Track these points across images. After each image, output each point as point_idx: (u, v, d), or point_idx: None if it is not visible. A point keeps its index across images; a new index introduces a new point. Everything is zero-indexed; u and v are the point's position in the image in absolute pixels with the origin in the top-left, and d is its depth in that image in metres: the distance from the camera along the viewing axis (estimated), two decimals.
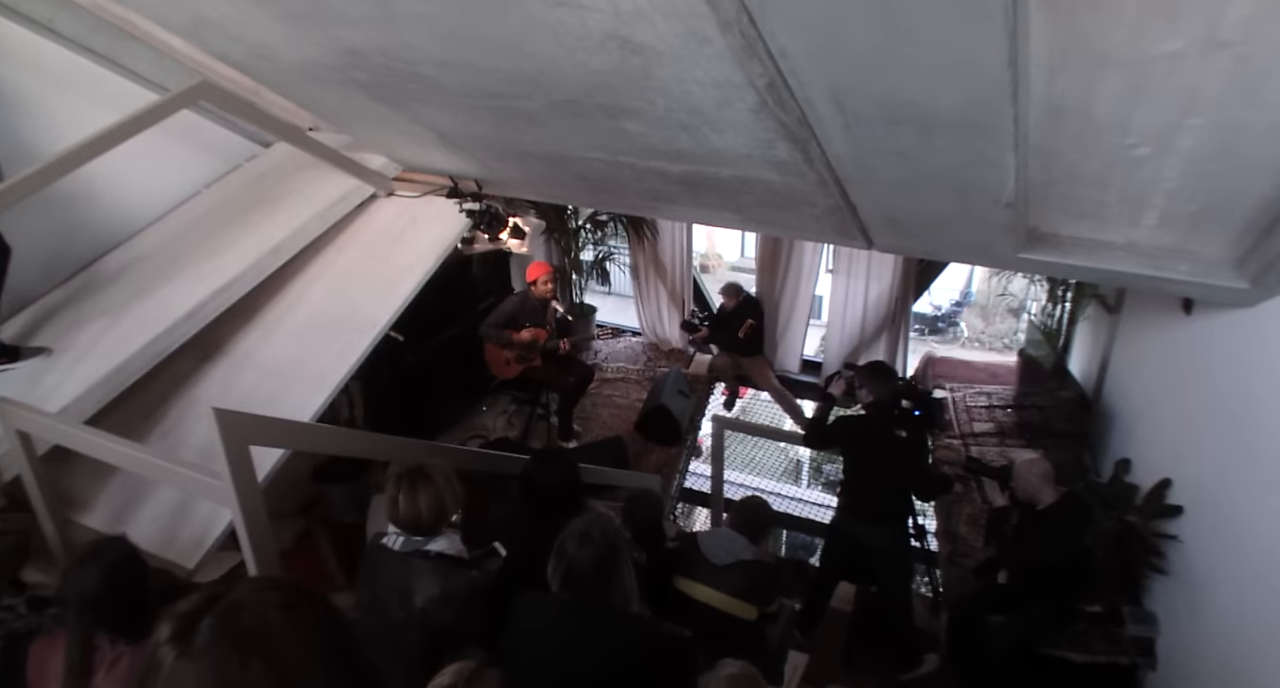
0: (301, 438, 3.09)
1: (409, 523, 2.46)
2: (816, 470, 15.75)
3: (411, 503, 2.44)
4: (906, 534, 4.36)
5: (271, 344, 3.96)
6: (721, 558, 3.22)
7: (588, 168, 3.73)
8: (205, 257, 3.94)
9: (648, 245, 8.06)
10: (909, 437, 4.08)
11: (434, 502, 2.46)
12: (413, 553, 2.44)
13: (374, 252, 4.33)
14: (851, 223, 3.63)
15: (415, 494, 2.44)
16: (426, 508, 2.45)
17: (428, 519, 2.46)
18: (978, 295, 19.51)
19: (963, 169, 2.68)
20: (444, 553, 2.46)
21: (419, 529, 2.46)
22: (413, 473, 2.48)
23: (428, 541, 2.46)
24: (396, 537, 2.48)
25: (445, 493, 2.49)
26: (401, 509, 2.44)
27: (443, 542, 2.48)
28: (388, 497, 2.46)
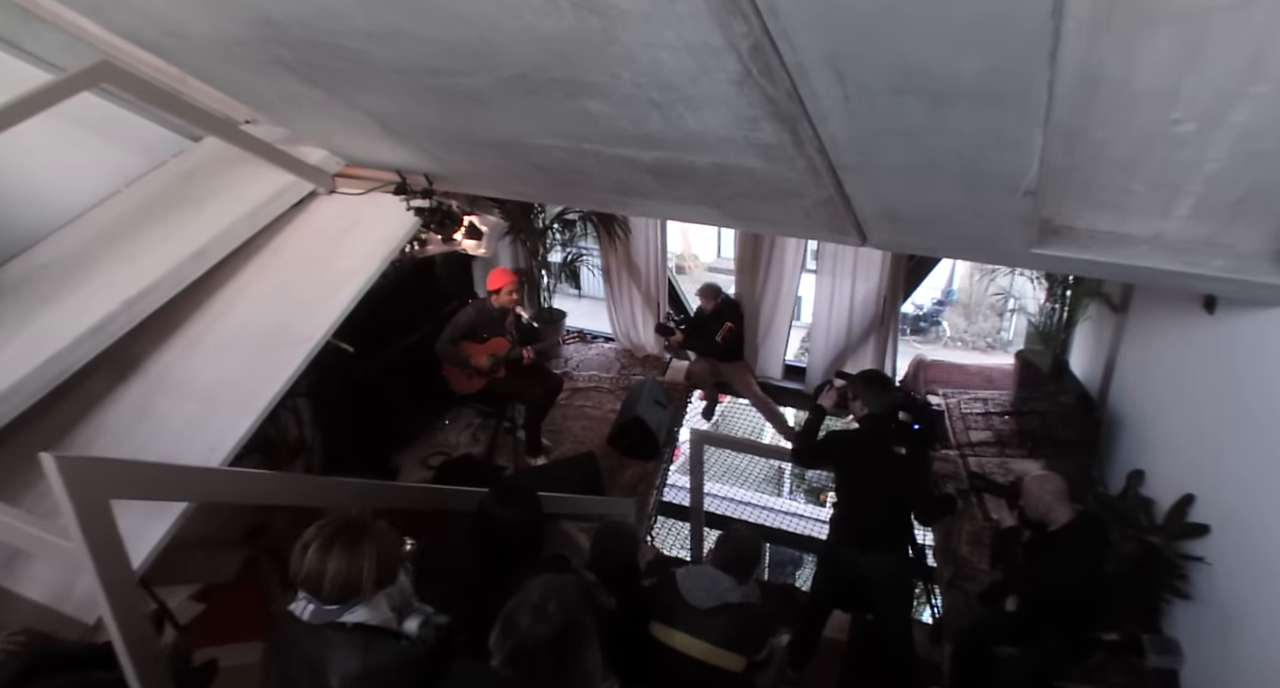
0: (189, 486, 2.67)
1: (316, 588, 2.06)
2: (799, 477, 15.50)
3: (323, 563, 2.05)
4: (906, 560, 4.05)
5: (194, 361, 3.58)
6: (704, 601, 2.87)
7: (547, 157, 3.39)
8: (118, 263, 3.55)
9: (620, 245, 7.73)
10: (908, 453, 3.77)
11: (353, 568, 2.06)
12: (326, 625, 2.07)
13: (312, 255, 3.96)
14: (845, 217, 3.32)
15: (332, 554, 2.06)
16: (342, 573, 2.05)
17: (341, 587, 2.07)
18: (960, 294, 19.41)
19: (978, 151, 2.36)
20: (365, 624, 2.10)
21: (332, 596, 2.08)
22: (342, 529, 2.11)
23: (344, 610, 2.09)
24: (305, 604, 2.10)
25: (374, 560, 2.10)
26: (306, 569, 2.05)
27: (363, 611, 2.10)
28: (296, 549, 2.09)
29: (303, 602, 2.11)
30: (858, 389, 3.92)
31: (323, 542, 2.07)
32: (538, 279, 7.83)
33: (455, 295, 6.80)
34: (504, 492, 2.64)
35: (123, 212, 3.94)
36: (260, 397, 3.33)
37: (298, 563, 2.08)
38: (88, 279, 3.45)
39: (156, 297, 3.45)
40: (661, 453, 6.65)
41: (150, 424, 3.33)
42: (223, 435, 3.22)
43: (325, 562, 2.05)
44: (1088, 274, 4.66)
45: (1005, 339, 17.42)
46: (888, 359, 7.43)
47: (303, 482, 3.39)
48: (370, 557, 2.08)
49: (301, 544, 2.08)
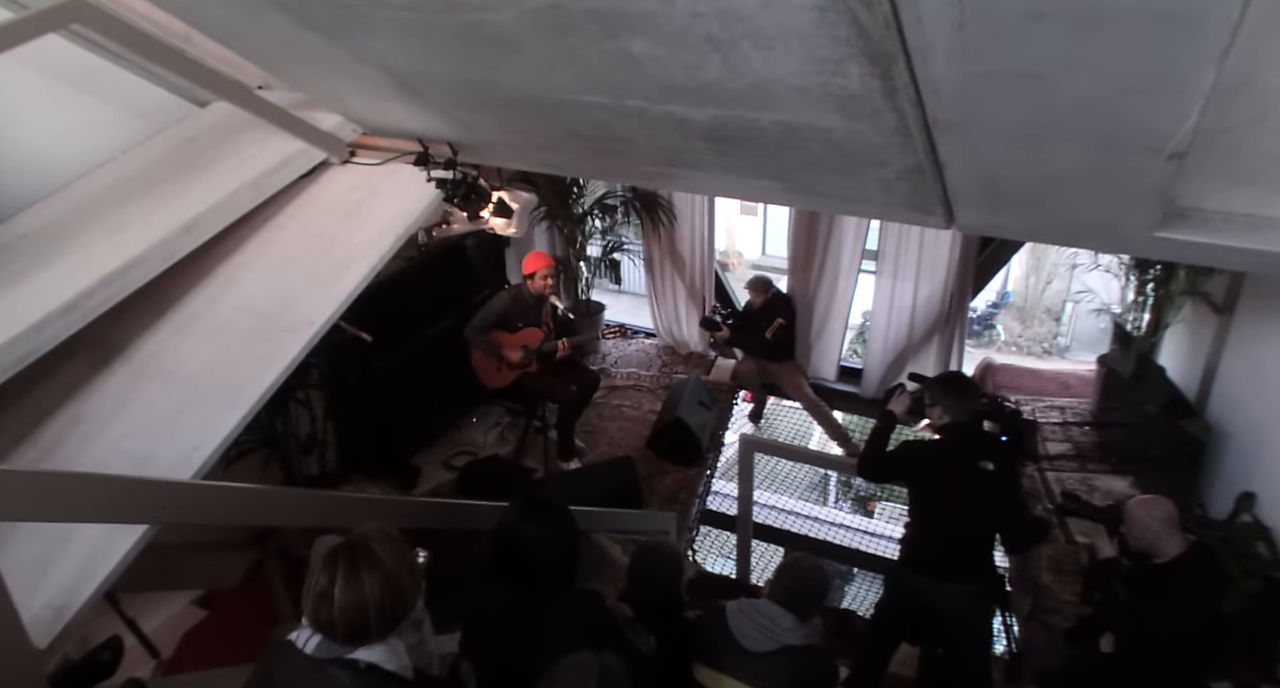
0: (123, 504, 2.28)
1: (343, 624, 1.74)
2: (845, 485, 15.00)
3: (354, 594, 1.73)
4: (988, 592, 3.60)
5: (183, 346, 3.26)
6: (760, 642, 2.47)
7: (584, 119, 3.00)
8: (101, 235, 3.23)
9: (663, 233, 7.34)
10: (996, 469, 3.31)
11: (384, 592, 1.75)
12: (332, 660, 1.74)
13: (321, 231, 3.62)
14: (932, 191, 2.88)
15: (358, 582, 1.74)
16: (375, 602, 1.74)
17: (374, 620, 1.75)
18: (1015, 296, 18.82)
19: (1124, 97, 1.91)
20: (377, 666, 1.76)
21: (353, 634, 1.75)
22: (352, 550, 1.78)
23: (355, 648, 1.76)
24: (310, 636, 1.77)
25: (399, 579, 1.79)
26: (339, 603, 1.72)
27: (380, 650, 1.78)
28: (311, 586, 1.77)
29: (306, 632, 1.79)
30: (936, 394, 3.47)
31: (346, 565, 1.76)
32: (575, 269, 7.45)
33: (487, 282, 6.45)
34: (530, 506, 2.24)
35: (114, 180, 3.63)
36: (253, 388, 3.00)
37: (306, 596, 1.79)
38: (66, 252, 3.14)
39: (140, 273, 3.13)
40: (705, 458, 6.24)
41: (130, 416, 3.02)
42: (208, 431, 2.90)
43: (331, 595, 1.74)
44: (1219, 264, 4.13)
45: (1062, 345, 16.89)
46: (953, 362, 6.94)
47: (281, 497, 3.03)
48: (401, 580, 1.79)
49: (320, 570, 1.77)
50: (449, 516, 3.67)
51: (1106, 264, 6.02)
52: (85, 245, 3.18)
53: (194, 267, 3.48)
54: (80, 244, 3.19)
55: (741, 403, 7.78)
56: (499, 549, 2.20)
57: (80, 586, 2.54)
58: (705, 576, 5.64)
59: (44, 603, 2.54)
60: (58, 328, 2.89)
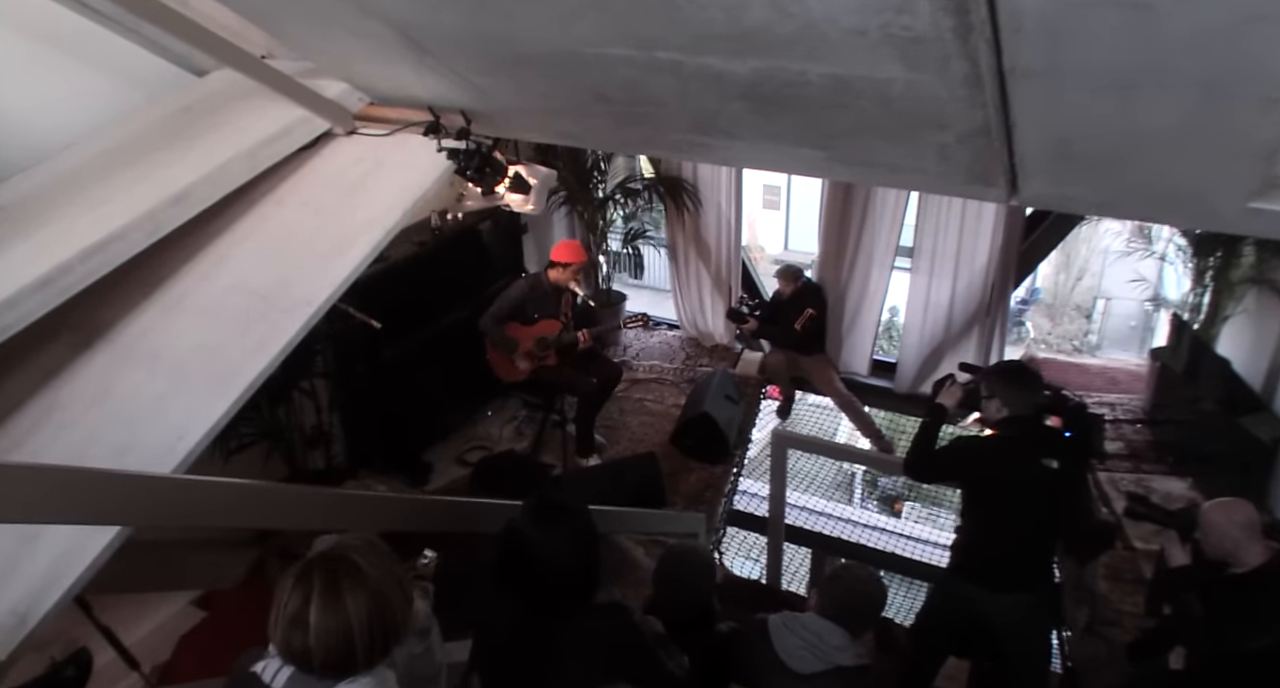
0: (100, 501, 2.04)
1: (322, 654, 1.48)
2: (870, 484, 14.73)
3: (335, 619, 1.47)
4: (1046, 603, 3.32)
5: (171, 328, 3.05)
6: (806, 662, 2.21)
7: (610, 78, 2.75)
8: (83, 208, 3.01)
9: (688, 220, 7.08)
10: (1061, 468, 3.04)
11: (371, 614, 1.50)
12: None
13: (322, 205, 3.40)
14: (996, 156, 2.61)
15: (339, 602, 1.48)
16: (360, 626, 1.49)
17: (359, 648, 1.50)
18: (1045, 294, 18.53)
19: (1248, 26, 1.63)
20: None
21: (334, 665, 1.50)
22: (330, 564, 1.52)
23: (335, 683, 1.52)
24: (280, 668, 1.53)
25: (388, 596, 1.54)
26: (316, 629, 1.47)
27: (367, 684, 1.54)
28: (280, 608, 1.51)
29: (275, 663, 1.54)
30: (995, 386, 3.19)
31: (323, 585, 1.49)
32: (595, 257, 7.21)
33: (504, 271, 6.22)
34: (543, 509, 1.99)
35: (100, 151, 3.42)
36: (245, 373, 2.77)
37: (274, 621, 1.52)
38: (43, 225, 2.93)
39: (124, 247, 2.91)
40: (732, 455, 5.99)
41: (111, 403, 2.81)
42: (194, 419, 2.67)
43: (306, 620, 1.47)
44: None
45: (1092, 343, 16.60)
46: (993, 355, 6.64)
47: (277, 494, 2.80)
48: (370, 614, 1.50)
49: (292, 591, 1.50)
50: (467, 516, 3.43)
51: (1161, 251, 5.72)
52: (65, 218, 2.96)
53: (185, 243, 3.27)
54: (60, 216, 2.97)
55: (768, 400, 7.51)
56: (508, 557, 1.95)
57: (47, 589, 2.32)
58: (733, 580, 5.40)
59: (7, 610, 2.32)
60: (32, 304, 2.67)
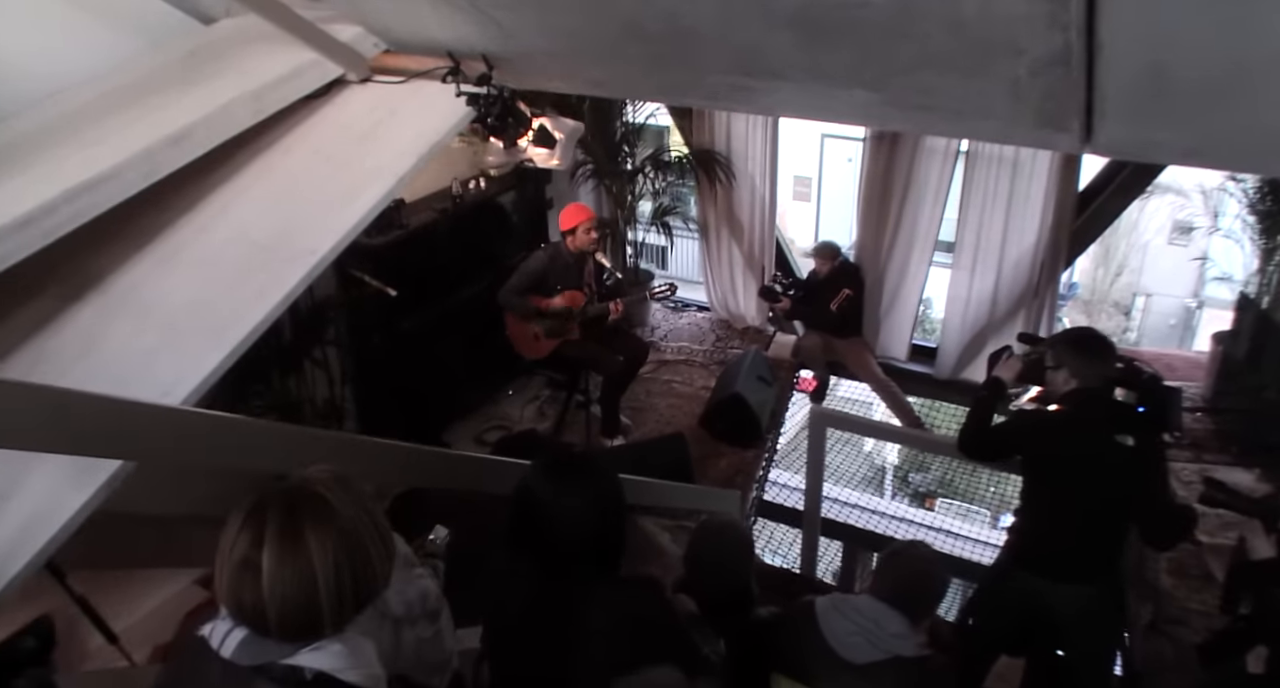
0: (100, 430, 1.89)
1: (279, 611, 1.22)
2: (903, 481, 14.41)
3: (294, 566, 1.21)
4: (1116, 593, 3.05)
5: (167, 279, 2.85)
6: (861, 651, 1.96)
7: (647, 8, 2.50)
8: (74, 149, 2.81)
9: (720, 196, 6.82)
10: (1137, 445, 2.76)
11: (341, 562, 1.24)
12: (260, 669, 1.23)
13: (332, 154, 3.19)
14: (1073, 92, 2.34)
15: (300, 546, 1.22)
16: (328, 577, 1.23)
17: (326, 604, 1.24)
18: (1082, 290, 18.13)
19: None
20: (331, 677, 1.25)
21: (295, 626, 1.24)
22: (289, 503, 1.26)
23: (297, 648, 1.24)
24: (230, 631, 1.26)
25: (363, 540, 1.28)
26: (270, 578, 1.20)
27: (336, 651, 1.26)
28: (224, 554, 1.24)
29: (224, 625, 1.27)
30: (1063, 354, 2.91)
31: (252, 535, 1.22)
32: (622, 234, 6.97)
33: (527, 245, 6.00)
34: (558, 467, 1.74)
35: (98, 94, 3.22)
36: (241, 324, 2.57)
37: (219, 568, 1.25)
38: (29, 166, 2.73)
39: (116, 188, 2.70)
40: (764, 439, 5.73)
41: (99, 355, 2.62)
42: (185, 372, 2.47)
43: (258, 565, 1.20)
44: None
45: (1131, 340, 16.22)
46: None
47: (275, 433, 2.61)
48: (338, 561, 1.24)
49: (240, 529, 1.24)
50: (487, 475, 3.22)
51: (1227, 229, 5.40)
52: (53, 159, 2.77)
53: (185, 193, 3.07)
54: (46, 158, 2.78)
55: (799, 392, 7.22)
56: (520, 522, 1.70)
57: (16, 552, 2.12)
58: (764, 569, 5.13)
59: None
60: (12, 245, 2.46)
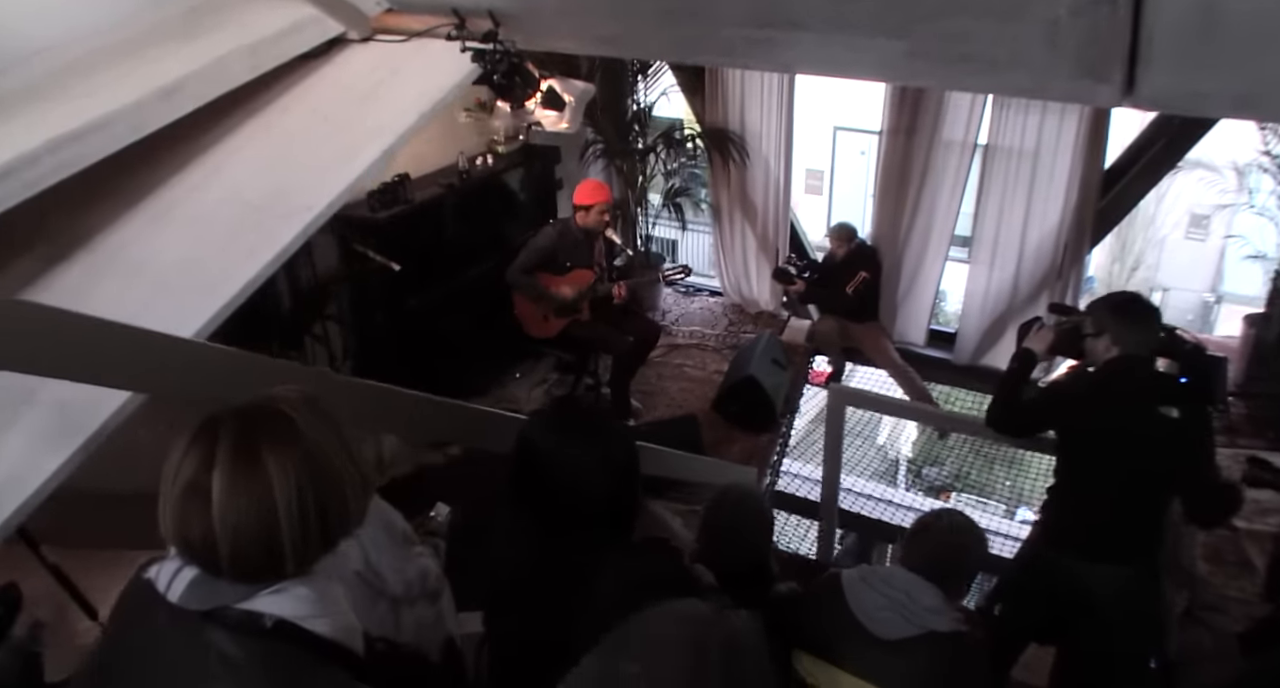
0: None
1: (231, 546, 1.06)
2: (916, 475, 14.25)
3: (249, 494, 1.06)
4: (1154, 577, 2.90)
5: (157, 238, 2.74)
6: (892, 625, 1.83)
7: None
8: (61, 101, 2.68)
9: (733, 176, 6.69)
10: (1182, 416, 2.61)
11: (304, 489, 1.08)
12: (211, 615, 1.08)
13: (331, 113, 3.07)
14: (1117, 36, 2.21)
15: (257, 470, 1.06)
16: (289, 506, 1.07)
17: (287, 538, 1.08)
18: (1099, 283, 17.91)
19: None
20: (294, 624, 1.09)
21: (250, 565, 1.09)
22: (247, 421, 1.11)
23: (255, 590, 1.09)
24: (177, 571, 1.11)
25: (333, 466, 1.13)
26: (220, 508, 1.05)
27: (300, 596, 1.11)
28: (168, 480, 1.09)
29: (171, 565, 1.12)
30: (1104, 320, 2.75)
31: (201, 456, 1.07)
32: (633, 215, 6.83)
33: (535, 223, 5.87)
34: (562, 418, 1.61)
35: (91, 50, 3.08)
36: (229, 283, 2.46)
37: (179, 505, 1.08)
38: (12, 118, 2.60)
39: (103, 141, 2.58)
40: (778, 423, 5.58)
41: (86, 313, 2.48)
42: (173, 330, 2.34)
43: (207, 490, 1.06)
44: None
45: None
46: None
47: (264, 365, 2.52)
48: (300, 486, 1.08)
49: (189, 450, 1.09)
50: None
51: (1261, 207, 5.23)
52: (36, 111, 2.64)
53: (178, 152, 2.96)
54: (30, 110, 2.65)
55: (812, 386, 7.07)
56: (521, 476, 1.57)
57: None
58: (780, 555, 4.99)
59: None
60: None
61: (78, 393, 2.15)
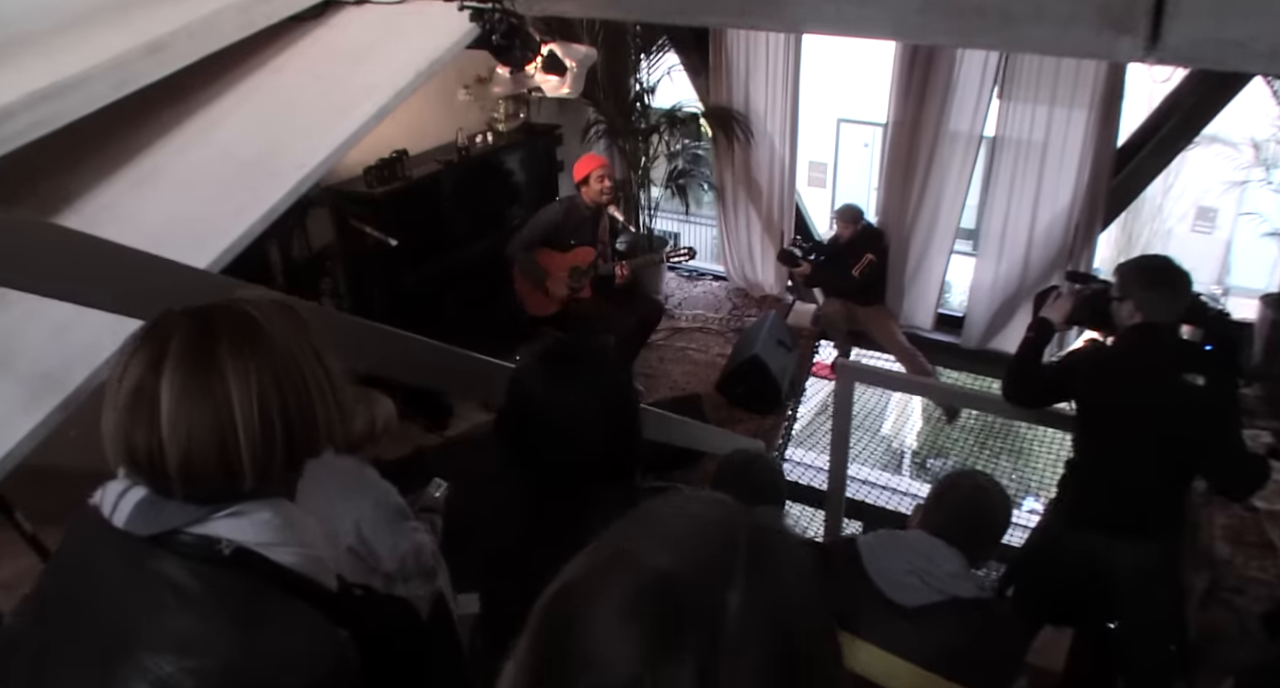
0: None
1: (180, 458, 0.95)
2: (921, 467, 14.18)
3: (202, 398, 0.96)
4: (1176, 553, 2.81)
5: (144, 199, 2.65)
6: (912, 592, 1.73)
7: None
8: (41, 56, 2.58)
9: (738, 155, 6.59)
10: (1208, 386, 2.51)
11: (267, 396, 0.98)
12: (162, 538, 0.97)
13: (324, 73, 2.98)
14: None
15: (213, 374, 0.96)
16: (248, 414, 0.97)
17: (245, 449, 0.97)
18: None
19: None
20: (254, 551, 0.99)
21: (197, 481, 0.97)
22: (205, 320, 1.00)
23: (210, 512, 0.98)
24: (124, 491, 1.00)
25: (303, 372, 1.02)
26: (169, 416, 0.94)
27: (260, 519, 1.01)
28: (114, 383, 0.98)
29: (117, 487, 1.01)
30: (1130, 285, 2.64)
31: (150, 356, 0.96)
32: (635, 196, 6.73)
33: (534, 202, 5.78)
34: (556, 360, 1.51)
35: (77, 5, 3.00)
36: (218, 239, 2.37)
37: (125, 417, 0.97)
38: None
39: (83, 98, 2.47)
40: (784, 405, 5.49)
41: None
42: None
43: (155, 396, 0.95)
44: None
45: None
46: None
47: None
48: (263, 394, 0.98)
49: (115, 368, 0.99)
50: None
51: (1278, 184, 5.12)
52: (15, 65, 2.54)
53: (165, 114, 2.87)
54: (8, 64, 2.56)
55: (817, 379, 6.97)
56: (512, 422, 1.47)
57: None
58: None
59: None
60: None
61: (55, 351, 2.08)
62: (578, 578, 0.64)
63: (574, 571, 0.65)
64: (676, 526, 0.65)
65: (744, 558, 0.60)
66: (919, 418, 12.64)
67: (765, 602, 0.59)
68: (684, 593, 0.58)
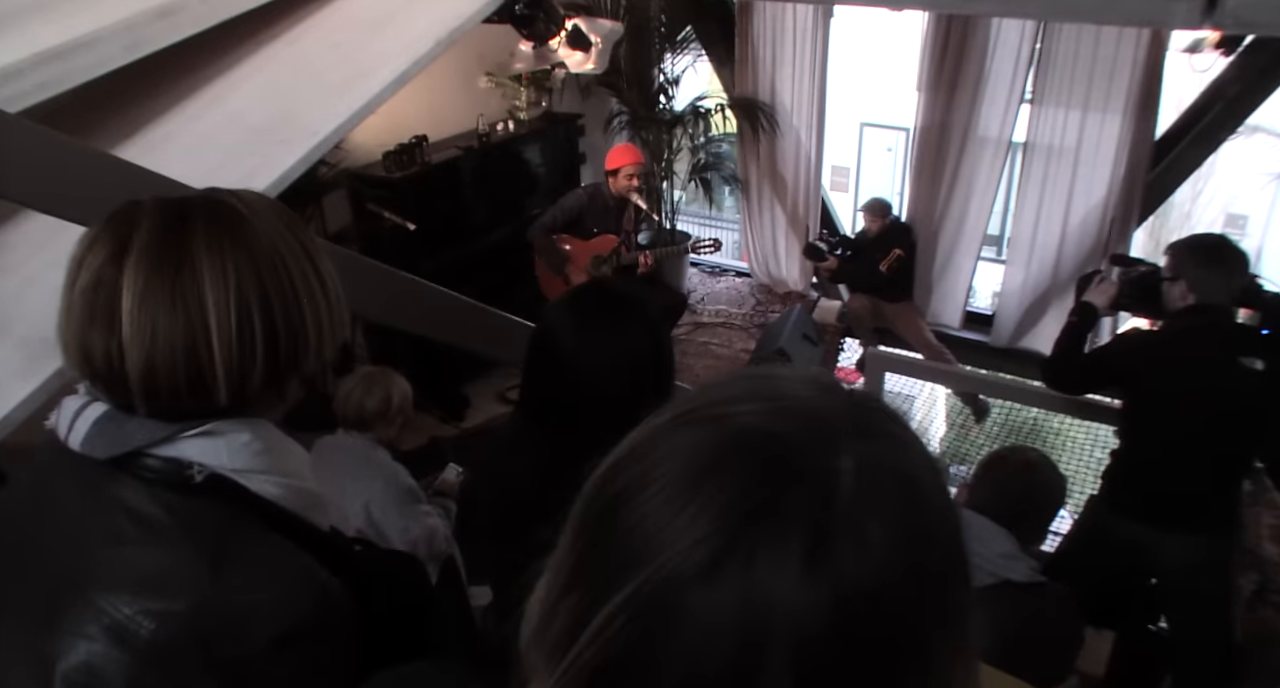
0: None
1: (141, 366, 0.84)
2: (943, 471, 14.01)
3: (162, 301, 0.84)
4: (1226, 550, 2.67)
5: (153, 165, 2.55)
6: None
7: None
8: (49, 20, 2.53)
9: (763, 146, 6.48)
10: (1268, 371, 2.38)
11: (245, 296, 0.87)
12: (122, 461, 0.86)
13: (340, 42, 2.92)
14: None
15: (188, 270, 0.85)
16: (227, 314, 0.85)
17: (220, 356, 0.86)
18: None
19: None
20: (228, 478, 0.88)
21: (160, 391, 0.86)
22: (180, 209, 0.89)
23: (178, 430, 0.87)
24: (81, 409, 0.89)
25: (290, 274, 0.91)
26: (130, 318, 0.84)
27: (235, 443, 0.89)
28: (70, 277, 0.89)
29: (73, 402, 0.91)
30: (1184, 265, 2.52)
31: (112, 246, 0.86)
32: (658, 188, 6.63)
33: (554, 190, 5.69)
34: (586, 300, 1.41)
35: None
36: None
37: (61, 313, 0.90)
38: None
39: (91, 61, 2.44)
40: None
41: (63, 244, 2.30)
42: None
43: (117, 297, 0.85)
44: None
45: None
46: None
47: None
48: (243, 295, 0.87)
49: (71, 262, 0.88)
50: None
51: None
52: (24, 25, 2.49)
53: (177, 85, 2.82)
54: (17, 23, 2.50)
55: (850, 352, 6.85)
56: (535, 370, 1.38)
57: None
58: None
59: None
60: None
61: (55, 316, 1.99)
62: (635, 447, 0.51)
63: (626, 445, 0.51)
64: (761, 386, 0.51)
65: (854, 423, 0.48)
66: (943, 422, 12.45)
67: (886, 471, 0.46)
68: (787, 446, 0.46)
